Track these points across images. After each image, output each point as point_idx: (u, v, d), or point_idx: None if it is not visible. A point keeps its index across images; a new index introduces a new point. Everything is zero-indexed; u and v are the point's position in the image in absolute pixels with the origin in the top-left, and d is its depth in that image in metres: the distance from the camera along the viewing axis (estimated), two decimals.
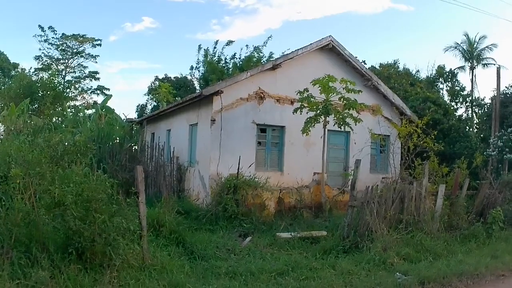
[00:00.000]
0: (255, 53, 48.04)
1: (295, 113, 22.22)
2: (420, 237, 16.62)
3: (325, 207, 22.24)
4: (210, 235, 17.42)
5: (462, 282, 13.44)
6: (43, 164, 12.00)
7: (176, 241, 15.18)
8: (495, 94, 34.89)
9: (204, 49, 50.08)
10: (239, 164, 21.34)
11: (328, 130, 22.98)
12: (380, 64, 52.39)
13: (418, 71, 54.29)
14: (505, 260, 15.90)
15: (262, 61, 45.13)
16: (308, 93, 21.89)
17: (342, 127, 22.06)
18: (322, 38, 25.90)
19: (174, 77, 56.81)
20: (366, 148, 24.65)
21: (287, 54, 26.33)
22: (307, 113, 22.05)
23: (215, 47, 49.87)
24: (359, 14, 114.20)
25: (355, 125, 22.21)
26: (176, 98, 42.47)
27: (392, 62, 53.86)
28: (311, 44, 25.51)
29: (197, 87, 50.74)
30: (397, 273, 13.29)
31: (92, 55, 65.43)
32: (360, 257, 14.64)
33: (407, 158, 22.31)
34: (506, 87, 37.71)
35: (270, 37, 64.31)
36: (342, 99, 21.99)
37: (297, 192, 22.79)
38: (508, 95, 36.50)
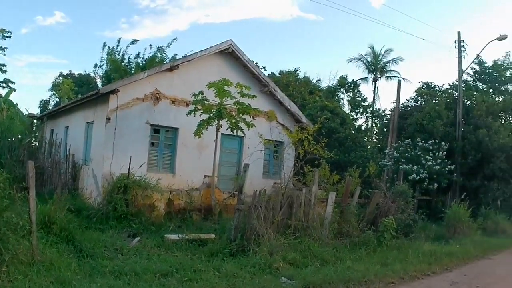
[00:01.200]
0: (159, 53, 47.59)
1: (189, 115, 21.92)
2: (308, 243, 16.66)
3: (214, 210, 22.05)
4: (99, 234, 16.91)
5: None
6: None
7: (66, 239, 14.72)
8: (395, 106, 35.34)
9: (109, 47, 49.41)
10: (130, 164, 20.82)
11: (222, 134, 22.82)
12: (280, 71, 52.60)
13: (319, 80, 55.19)
14: (396, 268, 16.06)
15: (165, 62, 44.73)
16: (203, 95, 21.63)
17: (235, 131, 21.91)
18: (223, 42, 25.76)
19: (78, 74, 56.24)
20: (259, 153, 24.61)
21: (186, 56, 26.32)
22: (200, 115, 21.75)
23: (118, 45, 49.16)
24: (267, 21, 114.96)
25: (248, 130, 22.06)
26: (78, 95, 41.76)
27: (293, 70, 54.17)
28: (210, 47, 25.29)
29: (100, 85, 49.58)
30: (283, 278, 13.20)
31: (1, 47, 63.58)
32: (246, 260, 14.46)
33: (297, 164, 22.25)
34: (407, 99, 38.65)
35: (175, 39, 63.46)
36: (236, 104, 21.81)
37: (187, 194, 22.47)
38: (408, 108, 37.12)
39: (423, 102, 37.68)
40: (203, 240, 17.15)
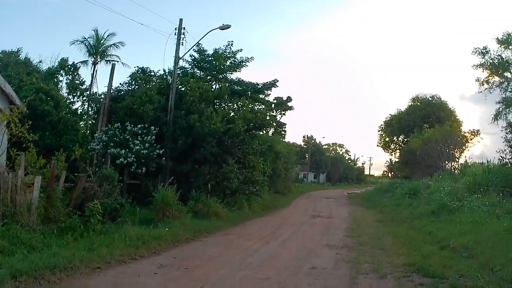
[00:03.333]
0: None
1: None
2: (16, 229, 16.38)
3: None
4: None
5: (56, 275, 13.42)
6: None
7: None
8: (107, 90, 35.46)
9: None
10: None
11: None
12: (3, 50, 51.20)
13: (40, 61, 54.03)
14: (102, 253, 16.26)
15: None
16: None
17: None
18: None
19: None
20: None
21: None
22: None
23: None
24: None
25: None
26: None
27: (16, 49, 52.96)
28: None
29: None
30: None
31: None
32: None
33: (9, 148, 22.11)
34: (120, 83, 38.73)
35: None
36: None
37: None
38: (121, 92, 37.41)
39: (137, 87, 38.17)
40: None
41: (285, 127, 77.86)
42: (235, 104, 41.88)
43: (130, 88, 38.15)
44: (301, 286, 14.50)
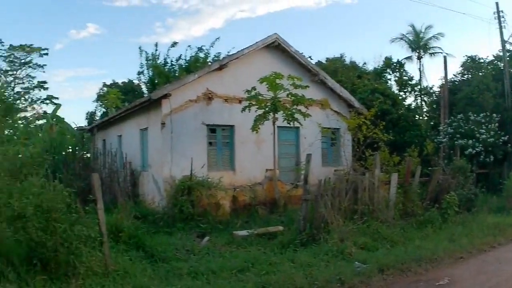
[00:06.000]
0: (201, 53, 47.14)
1: (243, 111, 22.21)
2: (376, 226, 16.84)
3: (279, 202, 22.21)
4: (168, 238, 17.25)
5: (421, 267, 13.54)
6: (1, 178, 11.83)
7: (136, 246, 14.89)
8: (444, 82, 35.10)
9: (146, 52, 48.64)
10: (191, 166, 21.17)
11: (278, 126, 22.94)
12: (327, 58, 52.01)
13: (365, 63, 54.07)
14: (462, 243, 16.19)
15: (208, 61, 44.49)
16: (255, 91, 21.84)
17: (291, 123, 22.07)
18: (268, 36, 25.92)
19: (122, 83, 56.54)
20: (316, 142, 24.71)
21: (233, 53, 26.60)
22: (255, 111, 21.99)
23: (156, 50, 48.25)
24: (303, 10, 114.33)
25: (304, 120, 22.18)
26: (125, 104, 41.58)
27: (339, 56, 53.67)
28: (256, 42, 25.51)
29: (145, 91, 49.32)
30: (356, 262, 13.30)
31: (40, 64, 63.16)
32: (318, 249, 14.65)
33: (358, 149, 22.41)
34: (454, 75, 38.03)
35: (217, 38, 61.78)
36: (290, 96, 22.01)
37: (250, 189, 22.72)
38: (456, 83, 36.82)
39: (469, 76, 37.18)
40: (272, 233, 17.39)
41: None
42: None
43: (464, 78, 37.28)
44: None
